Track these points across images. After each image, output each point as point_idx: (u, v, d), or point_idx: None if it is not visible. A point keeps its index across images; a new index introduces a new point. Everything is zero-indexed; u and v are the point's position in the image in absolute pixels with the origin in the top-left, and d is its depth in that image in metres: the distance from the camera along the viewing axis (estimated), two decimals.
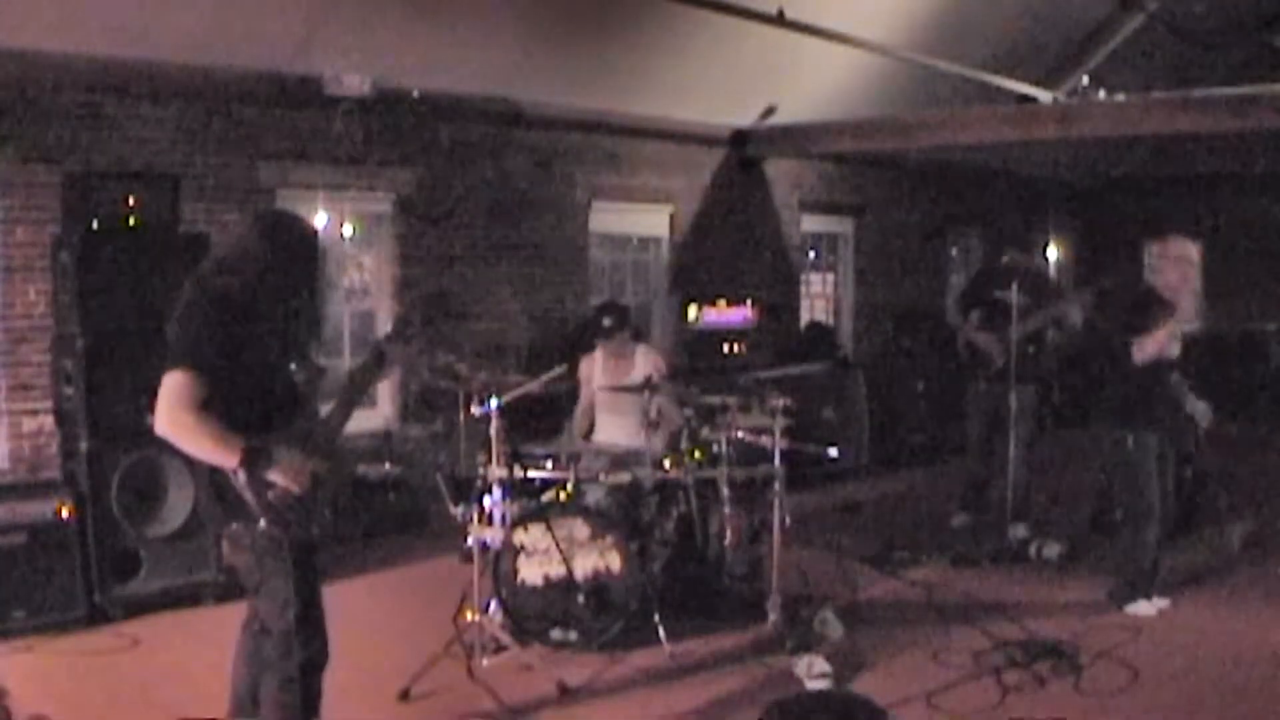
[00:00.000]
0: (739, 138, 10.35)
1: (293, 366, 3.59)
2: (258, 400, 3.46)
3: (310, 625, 3.56)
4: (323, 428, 3.65)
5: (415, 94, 7.79)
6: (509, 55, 7.95)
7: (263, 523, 3.41)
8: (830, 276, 12.19)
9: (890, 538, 7.31)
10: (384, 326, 8.13)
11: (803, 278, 11.60)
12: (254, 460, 3.33)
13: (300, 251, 3.62)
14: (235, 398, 3.39)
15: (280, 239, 3.58)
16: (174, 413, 3.31)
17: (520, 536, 5.33)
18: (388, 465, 7.69)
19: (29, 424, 6.38)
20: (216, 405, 3.34)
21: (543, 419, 6.99)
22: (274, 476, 3.37)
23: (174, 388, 3.31)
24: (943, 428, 10.21)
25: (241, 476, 3.35)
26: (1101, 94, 9.22)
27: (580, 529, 5.34)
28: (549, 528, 5.27)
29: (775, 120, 10.23)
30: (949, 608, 6.02)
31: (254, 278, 3.49)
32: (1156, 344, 5.79)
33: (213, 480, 3.43)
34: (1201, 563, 6.82)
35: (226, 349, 3.38)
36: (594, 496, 5.73)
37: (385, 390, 8.10)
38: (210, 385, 3.33)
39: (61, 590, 5.59)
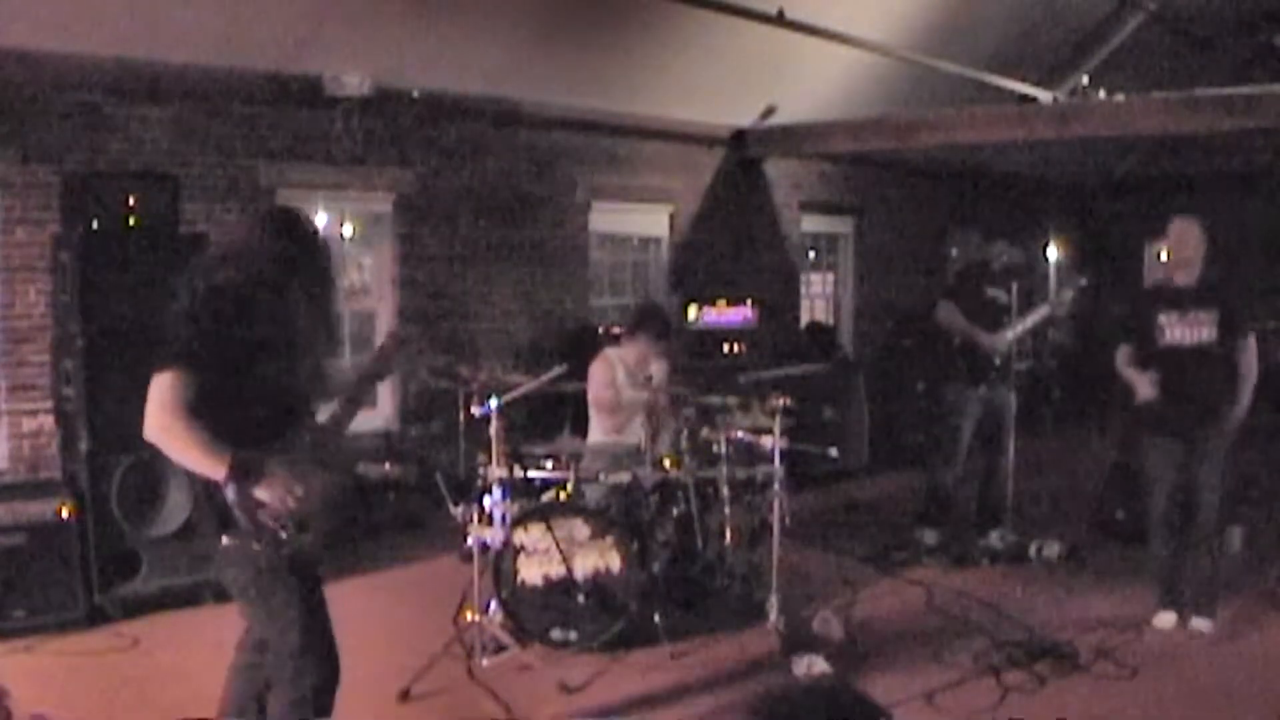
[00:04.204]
0: (739, 138, 10.35)
1: (297, 368, 3.37)
2: (259, 404, 3.25)
3: (318, 645, 3.38)
4: (323, 436, 3.45)
5: (415, 94, 7.79)
6: (509, 55, 7.95)
7: (255, 544, 3.18)
8: (830, 276, 12.19)
9: (890, 538, 7.30)
10: (384, 327, 8.15)
11: (803, 278, 11.60)
12: (242, 474, 3.09)
13: (309, 248, 3.44)
14: (235, 401, 3.18)
15: (289, 234, 3.40)
16: (160, 416, 3.08)
17: (520, 536, 5.33)
18: (388, 465, 7.68)
19: (29, 424, 6.39)
20: (215, 409, 3.11)
21: (543, 419, 6.99)
22: (261, 494, 3.13)
23: (161, 389, 3.08)
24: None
25: (231, 491, 3.12)
26: (1101, 94, 9.21)
27: (580, 529, 5.34)
28: (549, 528, 5.26)
29: (775, 120, 10.23)
30: (949, 608, 6.03)
31: (258, 273, 3.29)
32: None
33: (207, 490, 3.21)
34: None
35: (225, 348, 3.17)
36: (594, 496, 5.73)
37: (385, 390, 8.10)
38: (202, 386, 3.10)
39: (61, 590, 5.58)
